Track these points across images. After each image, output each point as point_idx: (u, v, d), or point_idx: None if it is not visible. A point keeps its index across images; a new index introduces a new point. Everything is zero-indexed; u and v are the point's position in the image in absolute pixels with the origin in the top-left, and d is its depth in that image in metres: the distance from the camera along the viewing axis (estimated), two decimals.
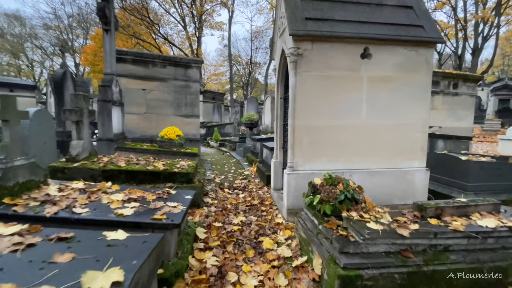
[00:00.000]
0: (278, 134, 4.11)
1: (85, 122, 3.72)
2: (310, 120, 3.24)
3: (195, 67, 6.83)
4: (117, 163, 3.59)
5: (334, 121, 3.30)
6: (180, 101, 6.80)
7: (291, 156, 3.23)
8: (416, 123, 3.51)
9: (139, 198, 2.45)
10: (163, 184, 3.54)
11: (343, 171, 3.34)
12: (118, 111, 5.36)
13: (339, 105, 3.29)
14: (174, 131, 5.37)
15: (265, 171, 5.08)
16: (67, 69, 5.64)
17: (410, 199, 3.56)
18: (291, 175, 3.21)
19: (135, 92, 6.38)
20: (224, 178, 5.61)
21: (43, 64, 36.10)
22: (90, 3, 23.12)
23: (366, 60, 3.31)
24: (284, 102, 4.01)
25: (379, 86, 3.36)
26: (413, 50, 3.40)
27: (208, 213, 3.44)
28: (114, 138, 5.02)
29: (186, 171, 3.60)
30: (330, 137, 3.30)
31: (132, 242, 1.38)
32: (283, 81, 3.99)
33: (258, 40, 28.13)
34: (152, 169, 3.54)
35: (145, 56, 6.34)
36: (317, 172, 3.26)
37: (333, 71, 3.24)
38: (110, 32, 5.06)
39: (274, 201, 3.98)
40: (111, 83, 5.00)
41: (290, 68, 3.17)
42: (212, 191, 4.36)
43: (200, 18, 20.66)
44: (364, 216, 2.15)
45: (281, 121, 4.07)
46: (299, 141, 3.23)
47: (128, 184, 3.47)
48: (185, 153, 5.20)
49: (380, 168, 3.45)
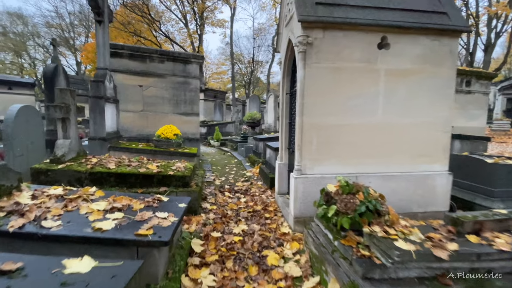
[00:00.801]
0: (283, 134, 3.76)
1: (72, 119, 3.39)
2: (320, 118, 2.89)
3: (194, 63, 6.49)
4: (106, 164, 3.26)
5: (346, 119, 2.94)
6: (179, 98, 6.47)
7: (299, 158, 2.88)
8: (438, 121, 3.15)
9: (124, 207, 2.11)
10: (156, 188, 3.21)
11: (357, 175, 2.99)
12: (112, 109, 5.04)
13: (353, 101, 2.93)
14: (172, 130, 5.04)
15: (269, 173, 4.73)
16: (59, 63, 5.33)
17: (430, 206, 3.21)
18: (299, 179, 2.87)
19: (131, 88, 6.06)
20: (224, 180, 5.27)
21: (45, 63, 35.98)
22: None
23: (384, 50, 2.95)
24: (290, 98, 3.66)
25: (397, 80, 3.00)
26: (436, 40, 3.04)
27: (206, 220, 3.10)
28: (107, 137, 4.69)
29: (182, 174, 3.26)
30: (342, 137, 2.95)
31: (97, 277, 1.04)
32: (289, 75, 3.63)
33: (260, 38, 27.73)
34: (144, 171, 3.20)
35: (142, 51, 6.02)
36: (327, 176, 2.92)
37: (347, 63, 2.88)
38: (103, 23, 4.73)
39: (278, 207, 3.64)
40: (104, 78, 4.67)
41: (298, 59, 2.81)
42: (212, 195, 4.03)
43: (202, 15, 20.32)
44: (390, 231, 1.79)
45: (287, 120, 3.72)
46: (307, 142, 2.88)
47: (118, 189, 3.15)
48: (183, 153, 4.87)
49: (398, 171, 3.09)
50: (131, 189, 3.17)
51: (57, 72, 5.20)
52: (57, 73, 5.20)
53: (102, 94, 4.57)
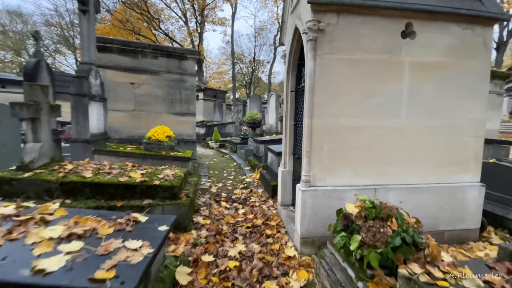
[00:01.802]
0: (287, 137, 3.30)
1: (44, 119, 2.94)
2: (333, 120, 2.42)
3: (191, 59, 6.03)
4: (82, 172, 2.81)
5: (364, 121, 2.48)
6: (174, 97, 6.01)
7: (307, 167, 2.42)
8: (469, 124, 2.69)
9: (87, 233, 1.65)
10: (139, 200, 2.75)
11: (375, 187, 2.53)
12: (98, 108, 4.59)
13: (372, 100, 2.47)
14: (164, 131, 4.58)
15: (270, 180, 4.27)
16: (42, 58, 4.87)
17: (459, 223, 2.75)
18: (307, 193, 2.40)
19: (122, 86, 5.60)
20: (222, 186, 4.81)
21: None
22: None
23: (408, 40, 2.49)
24: (296, 96, 3.20)
25: (423, 76, 2.54)
26: (468, 28, 2.58)
27: (197, 239, 2.64)
28: (92, 139, 4.24)
29: (169, 184, 2.80)
30: (358, 142, 2.49)
31: None
32: (294, 70, 3.17)
33: (262, 37, 27.26)
34: (125, 181, 2.75)
35: (133, 45, 5.56)
36: (341, 188, 2.46)
37: (365, 54, 2.42)
38: (88, 13, 4.28)
39: (282, 221, 3.17)
40: (88, 73, 4.22)
41: (307, 49, 2.35)
42: (206, 205, 3.57)
43: (202, 13, 19.87)
44: (434, 273, 1.33)
45: (292, 121, 3.26)
46: (318, 148, 2.42)
47: (94, 201, 2.69)
48: (176, 157, 4.41)
49: (423, 183, 2.63)
50: (110, 201, 2.71)
51: (39, 68, 4.75)
52: (39, 68, 4.75)
53: (86, 92, 4.11)
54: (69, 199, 2.70)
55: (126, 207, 2.66)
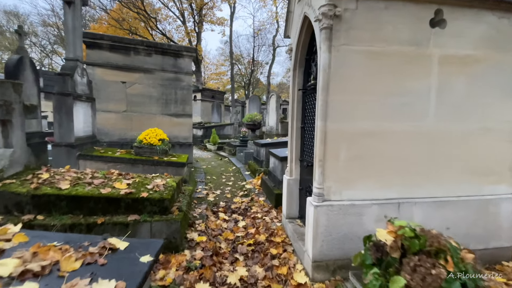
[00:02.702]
0: (293, 141, 2.94)
1: (16, 122, 2.56)
2: (351, 123, 2.06)
3: (187, 57, 5.66)
4: (58, 183, 2.42)
5: (386, 123, 2.12)
6: (169, 97, 5.64)
7: (320, 179, 2.05)
8: (504, 128, 2.34)
9: (45, 269, 1.27)
10: (124, 216, 2.37)
11: (399, 201, 2.17)
12: (85, 108, 4.20)
13: (395, 99, 2.12)
14: (156, 134, 4.21)
15: (273, 188, 3.90)
16: (25, 55, 4.49)
17: (493, 241, 2.40)
18: (321, 209, 2.04)
19: (113, 85, 5.22)
20: (220, 194, 4.44)
21: (42, 62, 35.13)
22: None
23: (438, 29, 2.14)
24: (303, 96, 2.84)
25: (454, 71, 2.19)
26: (505, 17, 2.24)
27: (191, 261, 2.26)
28: (77, 143, 3.86)
29: (159, 196, 2.43)
30: (380, 149, 2.13)
31: None
32: (302, 66, 2.81)
33: (261, 37, 26.93)
34: (108, 193, 2.37)
35: (125, 42, 5.19)
36: (360, 203, 2.10)
37: (388, 45, 2.07)
38: (74, 5, 3.90)
39: (288, 237, 2.81)
40: (73, 71, 3.84)
41: (321, 39, 1.99)
42: (202, 217, 3.19)
43: (200, 12, 19.51)
44: None
45: (298, 123, 2.90)
46: (333, 155, 2.05)
47: (71, 217, 2.31)
48: (170, 162, 4.04)
49: (452, 196, 2.28)
50: (89, 217, 2.33)
51: (22, 65, 4.37)
52: (22, 66, 4.37)
53: (70, 91, 3.73)
54: (42, 214, 2.32)
55: (108, 224, 2.28)
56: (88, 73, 5.05)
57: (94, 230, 2.26)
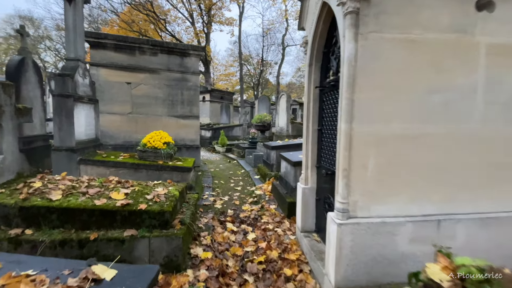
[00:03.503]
0: (309, 145, 2.62)
1: (7, 126, 2.37)
2: (382, 125, 1.74)
3: (193, 56, 5.43)
4: (49, 193, 2.20)
5: (424, 126, 1.79)
6: (175, 98, 5.42)
7: (345, 191, 1.73)
8: None
9: None
10: (120, 230, 2.12)
11: (439, 218, 1.83)
12: (87, 110, 4.02)
13: (435, 96, 1.78)
14: (161, 137, 3.97)
15: (285, 195, 3.59)
16: (28, 56, 4.36)
17: None
18: (346, 228, 1.72)
19: (117, 86, 5.05)
20: (228, 200, 4.16)
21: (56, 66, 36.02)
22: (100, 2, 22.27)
23: (485, 14, 1.78)
24: (321, 94, 2.52)
25: (506, 64, 1.83)
26: None
27: (193, 283, 1.99)
28: (78, 147, 3.67)
29: (159, 209, 2.17)
30: (416, 156, 1.79)
31: None
32: (319, 61, 2.50)
33: (270, 37, 26.63)
34: (102, 205, 2.12)
35: (130, 41, 5.01)
36: (391, 220, 1.76)
37: (426, 32, 1.73)
38: (74, 2, 3.72)
39: (303, 253, 2.49)
40: (74, 71, 3.65)
41: (345, 26, 1.68)
42: (208, 229, 2.92)
43: (209, 13, 19.41)
44: None
45: (315, 125, 2.58)
46: (360, 164, 1.73)
47: (61, 231, 2.08)
48: (175, 167, 3.80)
49: (503, 211, 1.91)
50: (82, 231, 2.10)
51: (23, 66, 4.23)
52: (23, 67, 4.23)
53: (71, 92, 3.54)
54: (31, 228, 2.10)
55: (101, 241, 2.03)
56: (92, 74, 4.89)
57: (86, 246, 2.02)
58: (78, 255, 2.01)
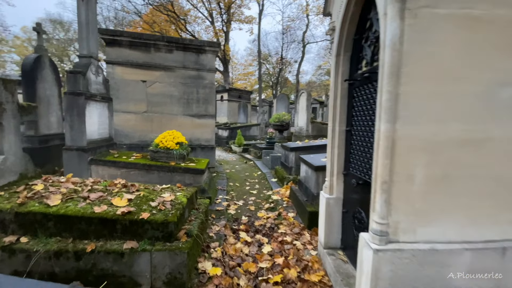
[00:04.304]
0: (334, 149, 2.27)
1: (8, 124, 2.24)
2: (436, 126, 1.36)
3: (209, 52, 5.21)
4: (49, 197, 2.04)
5: (490, 127, 1.39)
6: (190, 96, 5.24)
7: (384, 209, 1.38)
8: None
9: None
10: (119, 241, 1.91)
11: (504, 246, 1.42)
12: (100, 109, 3.91)
13: (506, 89, 1.37)
14: (174, 137, 3.78)
15: (305, 203, 3.25)
16: (44, 54, 4.36)
17: None
18: (383, 255, 1.37)
19: (133, 84, 4.95)
20: (242, 205, 3.89)
21: None
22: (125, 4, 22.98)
23: None
24: (349, 89, 2.16)
25: None
26: None
27: None
28: (90, 146, 3.56)
29: (163, 218, 1.93)
30: (478, 165, 1.40)
31: None
32: (349, 50, 2.13)
33: (290, 34, 26.11)
34: (101, 212, 1.92)
35: (145, 38, 4.88)
36: (443, 247, 1.39)
37: (494, 8, 1.33)
38: None
39: (327, 274, 2.15)
40: (86, 68, 3.55)
41: (387, 1, 1.32)
42: (219, 238, 2.66)
43: (228, 11, 19.32)
44: None
45: (342, 125, 2.23)
46: (405, 175, 1.37)
47: (58, 240, 1.90)
48: (187, 169, 3.58)
49: None
50: (80, 241, 1.91)
51: (40, 64, 4.23)
52: (40, 65, 4.23)
53: (82, 90, 3.43)
54: (27, 235, 1.94)
55: (99, 253, 1.83)
56: (108, 72, 4.83)
57: (83, 258, 1.82)
58: (74, 268, 1.83)
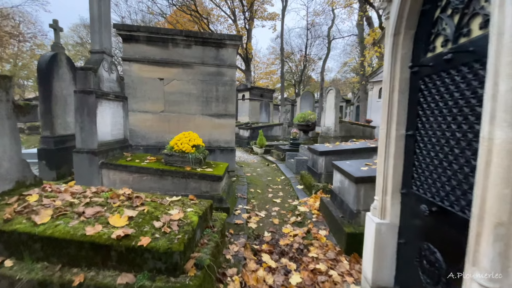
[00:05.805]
0: (389, 159, 1.73)
1: (2, 126, 1.97)
2: None
3: (230, 46, 4.81)
4: (38, 212, 1.72)
5: None
6: (209, 94, 4.87)
7: (497, 265, 0.84)
8: None
9: None
10: (114, 272, 1.53)
11: None
12: (114, 109, 3.65)
13: None
14: (190, 139, 3.41)
15: (341, 220, 2.71)
16: (61, 51, 4.22)
17: None
18: None
19: (150, 82, 4.68)
20: (264, 217, 3.43)
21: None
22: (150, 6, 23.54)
23: None
24: (413, 79, 1.61)
25: None
26: None
27: None
28: (101, 148, 3.30)
29: (166, 247, 1.52)
30: None
31: None
32: (412, 27, 1.58)
33: (314, 30, 25.22)
34: (93, 235, 1.56)
35: (162, 32, 4.58)
36: None
37: None
38: None
39: None
40: (97, 65, 3.29)
41: None
42: (237, 263, 2.22)
43: (251, 8, 18.96)
44: None
45: (401, 128, 1.68)
46: None
47: (46, 266, 1.57)
48: (203, 175, 3.20)
49: None
50: (68, 268, 1.56)
51: (56, 62, 4.09)
52: (56, 63, 4.09)
53: (92, 88, 3.17)
54: (12, 258, 1.64)
55: (89, 287, 1.46)
56: (124, 70, 4.60)
57: None
58: None
